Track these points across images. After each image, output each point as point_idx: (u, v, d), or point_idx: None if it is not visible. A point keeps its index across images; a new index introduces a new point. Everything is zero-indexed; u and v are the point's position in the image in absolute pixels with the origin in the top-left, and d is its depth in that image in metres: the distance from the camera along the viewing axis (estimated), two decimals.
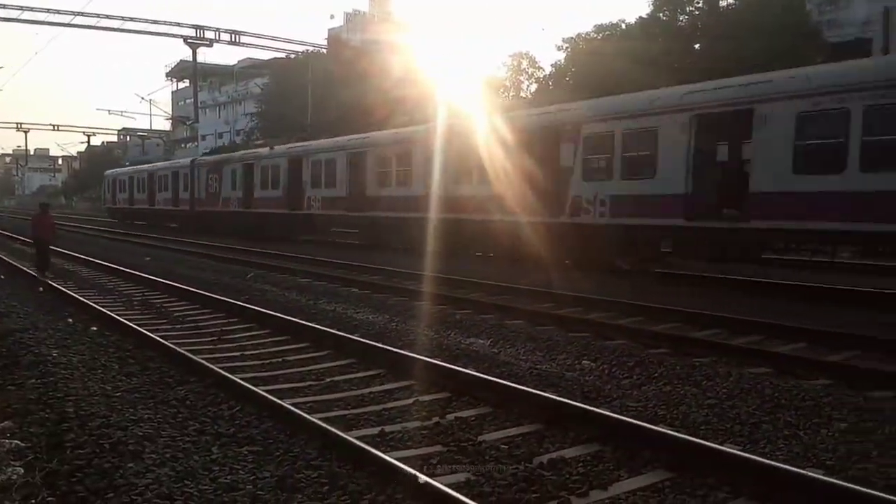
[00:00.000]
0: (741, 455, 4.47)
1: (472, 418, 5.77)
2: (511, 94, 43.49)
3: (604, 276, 15.01)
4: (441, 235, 19.03)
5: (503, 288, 13.17)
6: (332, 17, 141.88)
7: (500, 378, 6.61)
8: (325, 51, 50.09)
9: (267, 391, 6.32)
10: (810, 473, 4.19)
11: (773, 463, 4.31)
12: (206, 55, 70.64)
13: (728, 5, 33.20)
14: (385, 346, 7.94)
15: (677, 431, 5.09)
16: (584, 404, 5.69)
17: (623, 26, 35.94)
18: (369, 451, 4.76)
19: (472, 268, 16.45)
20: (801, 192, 12.74)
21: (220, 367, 7.16)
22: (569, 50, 38.56)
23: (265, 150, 30.99)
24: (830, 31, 32.53)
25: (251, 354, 8.25)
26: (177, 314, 10.95)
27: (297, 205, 27.25)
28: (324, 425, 5.30)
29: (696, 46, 32.47)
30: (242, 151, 33.75)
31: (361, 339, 8.43)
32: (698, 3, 33.38)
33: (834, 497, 3.86)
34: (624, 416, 5.45)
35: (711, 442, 4.89)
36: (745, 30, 28.13)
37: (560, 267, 15.45)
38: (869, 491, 3.90)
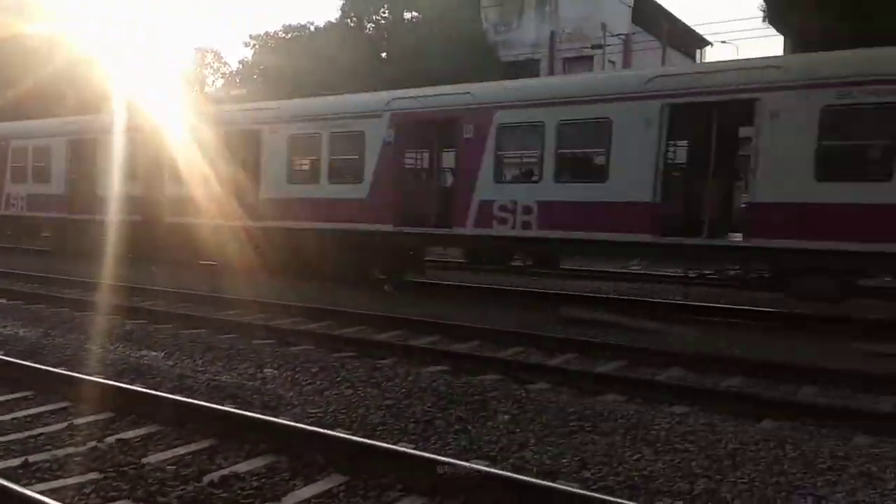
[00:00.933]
0: (412, 453, 4.60)
1: (137, 439, 5.22)
2: (195, 88, 41.55)
3: (301, 281, 14.85)
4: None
5: (184, 295, 12.38)
6: None
7: (173, 393, 6.12)
8: None
9: None
10: (476, 465, 4.43)
11: (439, 457, 4.50)
12: None
13: (412, 17, 35.09)
14: (34, 365, 6.89)
15: (354, 434, 5.10)
16: (262, 414, 5.47)
17: (312, 28, 36.39)
18: (4, 486, 4.05)
19: (155, 274, 15.25)
20: None
21: None
22: (256, 47, 38.07)
23: None
24: (506, 50, 36.17)
25: None
26: None
27: None
28: None
29: (384, 55, 33.85)
30: None
31: (3, 357, 7.24)
32: (384, 12, 34.89)
33: (493, 484, 4.11)
34: (303, 423, 5.33)
35: (386, 442, 4.97)
36: (429, 43, 29.99)
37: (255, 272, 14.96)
38: (522, 477, 4.24)
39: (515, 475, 4.27)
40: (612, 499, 3.94)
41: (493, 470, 4.37)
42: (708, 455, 4.97)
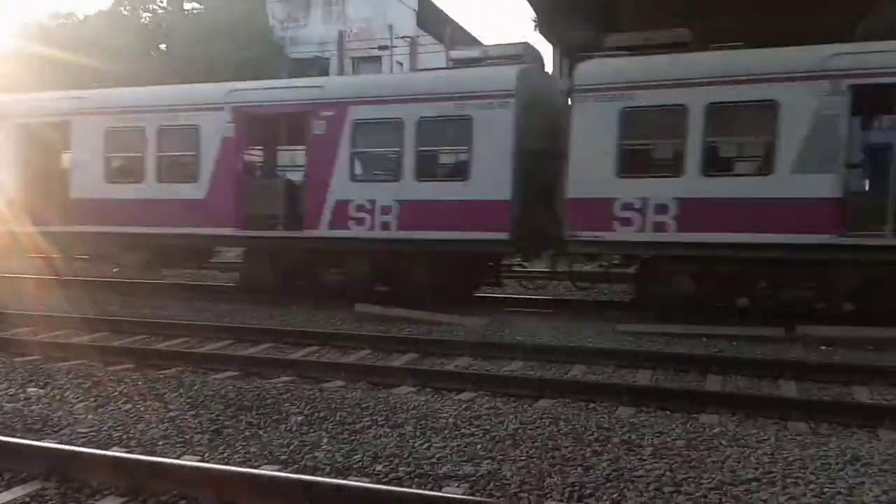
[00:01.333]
0: (195, 465, 4.40)
1: None
2: None
3: (63, 288, 13.60)
4: None
5: None
6: None
7: None
8: None
9: None
10: (263, 472, 4.32)
11: (224, 468, 4.35)
12: None
13: (193, 9, 33.57)
14: None
15: (131, 452, 4.77)
16: (23, 439, 4.95)
17: (81, 17, 33.72)
18: None
19: None
20: None
21: None
22: (18, 34, 34.53)
23: None
24: (293, 46, 35.62)
25: None
26: None
27: None
28: None
29: (163, 46, 32.11)
30: None
31: None
32: (162, 2, 33.15)
33: (278, 489, 4.04)
34: (73, 445, 4.90)
35: (169, 457, 4.71)
36: (212, 35, 28.89)
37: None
38: (308, 478, 4.22)
39: (301, 476, 4.24)
40: (396, 489, 4.04)
41: (279, 474, 4.30)
42: (492, 437, 5.26)
